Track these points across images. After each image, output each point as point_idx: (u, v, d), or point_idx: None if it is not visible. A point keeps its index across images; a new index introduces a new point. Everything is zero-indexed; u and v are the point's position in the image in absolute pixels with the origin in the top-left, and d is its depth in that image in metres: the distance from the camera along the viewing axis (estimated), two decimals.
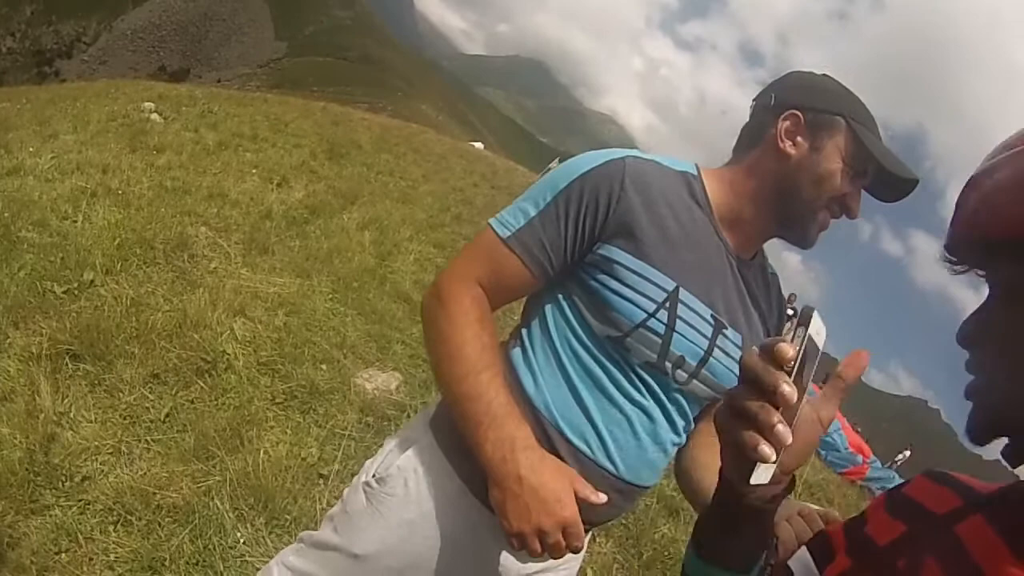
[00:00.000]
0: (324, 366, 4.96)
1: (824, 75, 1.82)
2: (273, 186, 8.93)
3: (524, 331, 1.86)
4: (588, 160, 1.77)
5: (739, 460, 0.94)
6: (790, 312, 1.91)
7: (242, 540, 3.35)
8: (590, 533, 2.01)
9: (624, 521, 4.76)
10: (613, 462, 1.76)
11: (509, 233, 1.75)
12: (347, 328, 5.61)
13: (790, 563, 1.23)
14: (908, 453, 22.71)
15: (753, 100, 1.88)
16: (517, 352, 1.83)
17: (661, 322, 1.69)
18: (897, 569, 0.98)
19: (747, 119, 1.88)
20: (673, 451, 1.90)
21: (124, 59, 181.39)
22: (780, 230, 1.82)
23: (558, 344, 1.77)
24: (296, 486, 3.77)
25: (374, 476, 1.88)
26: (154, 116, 11.57)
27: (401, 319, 6.14)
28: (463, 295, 1.75)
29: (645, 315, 1.68)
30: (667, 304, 1.69)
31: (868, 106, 1.76)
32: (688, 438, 1.93)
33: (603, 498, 1.62)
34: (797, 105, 1.74)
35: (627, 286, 1.68)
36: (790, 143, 1.74)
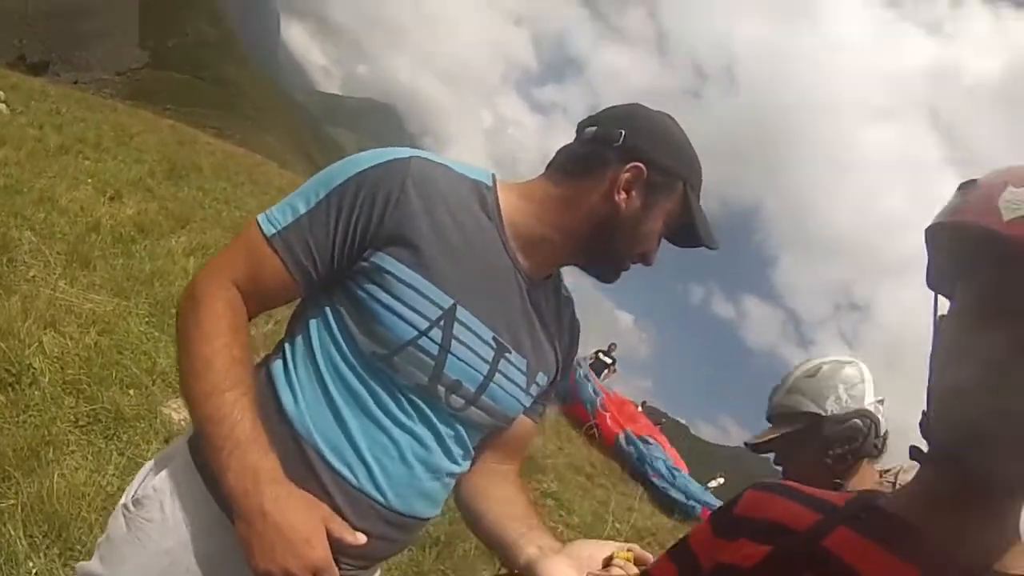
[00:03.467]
0: (132, 391, 4.73)
1: (667, 116, 1.71)
2: (105, 199, 8.61)
3: (287, 343, 1.65)
4: (369, 158, 1.59)
5: None
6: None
7: (35, 571, 3.11)
8: (378, 570, 1.86)
9: (443, 567, 4.71)
10: (381, 491, 1.56)
11: (274, 231, 1.55)
12: (159, 354, 5.38)
13: None
14: (722, 480, 22.33)
15: (589, 124, 1.70)
16: (278, 366, 1.62)
17: (434, 342, 1.53)
18: None
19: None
20: (452, 481, 1.74)
21: None
22: (581, 265, 1.73)
23: (321, 360, 1.57)
24: (93, 515, 3.52)
25: (132, 499, 1.65)
26: (1, 106, 11.03)
27: None
28: (216, 299, 1.54)
29: (416, 333, 1.52)
30: (442, 322, 1.54)
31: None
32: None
33: (361, 539, 1.48)
34: (645, 158, 1.61)
35: (398, 300, 1.52)
36: (624, 195, 1.61)
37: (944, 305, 0.99)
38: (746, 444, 2.43)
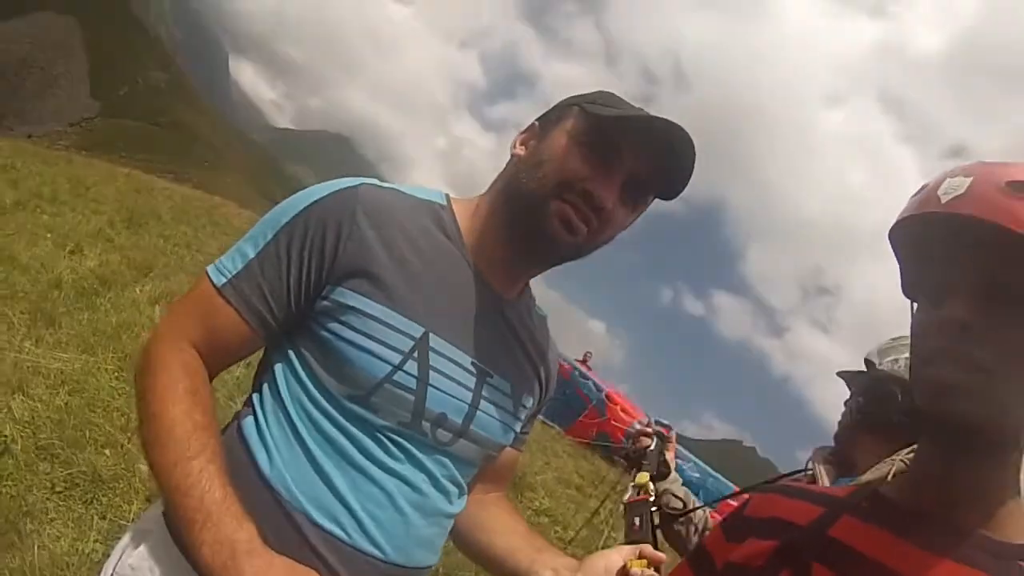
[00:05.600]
0: (107, 451, 4.55)
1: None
2: (66, 253, 8.41)
3: (256, 396, 1.52)
4: (316, 191, 1.50)
5: None
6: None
7: None
8: None
9: None
10: (377, 545, 1.44)
11: (224, 280, 1.45)
12: (132, 409, 5.11)
13: None
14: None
15: None
16: (249, 422, 1.49)
17: (411, 375, 1.43)
18: None
19: None
20: (449, 523, 1.63)
21: None
22: (525, 245, 1.54)
23: (292, 410, 1.45)
24: None
25: None
26: None
27: None
28: (172, 362, 1.42)
29: (390, 368, 1.41)
30: (415, 353, 1.43)
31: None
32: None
33: None
34: (539, 117, 1.59)
35: (365, 335, 1.41)
36: (523, 148, 1.56)
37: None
38: (838, 374, 2.55)
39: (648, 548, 1.52)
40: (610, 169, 1.47)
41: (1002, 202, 0.91)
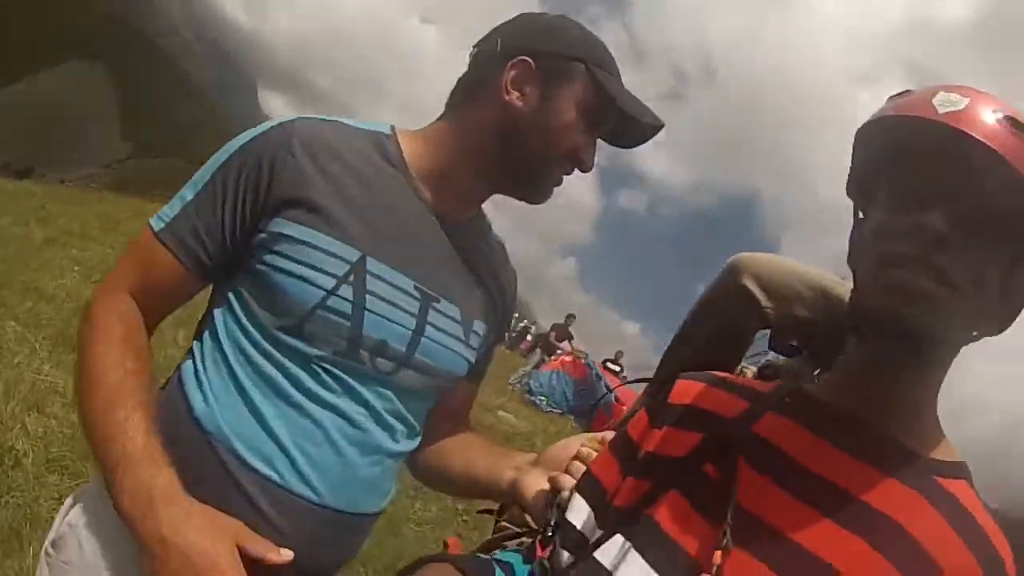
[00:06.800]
0: None
1: (560, 16, 1.58)
2: (91, 283, 8.47)
3: (196, 343, 1.46)
4: (254, 129, 1.46)
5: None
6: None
7: None
8: None
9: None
10: (311, 486, 1.37)
11: (163, 225, 1.41)
12: None
13: (569, 517, 1.20)
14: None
15: (474, 47, 1.57)
16: (188, 367, 1.43)
17: (346, 300, 1.37)
18: (706, 475, 1.05)
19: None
20: (395, 464, 1.55)
21: None
22: (505, 188, 1.56)
23: (228, 349, 1.39)
24: None
25: (51, 541, 1.42)
26: None
27: None
28: (108, 312, 1.39)
29: (323, 293, 1.35)
30: (351, 277, 1.37)
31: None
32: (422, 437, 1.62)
33: (287, 555, 1.27)
34: (529, 51, 1.46)
35: (299, 262, 1.35)
36: (517, 93, 1.46)
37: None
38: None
39: (612, 434, 1.48)
40: (597, 138, 1.53)
41: (1001, 132, 0.91)
